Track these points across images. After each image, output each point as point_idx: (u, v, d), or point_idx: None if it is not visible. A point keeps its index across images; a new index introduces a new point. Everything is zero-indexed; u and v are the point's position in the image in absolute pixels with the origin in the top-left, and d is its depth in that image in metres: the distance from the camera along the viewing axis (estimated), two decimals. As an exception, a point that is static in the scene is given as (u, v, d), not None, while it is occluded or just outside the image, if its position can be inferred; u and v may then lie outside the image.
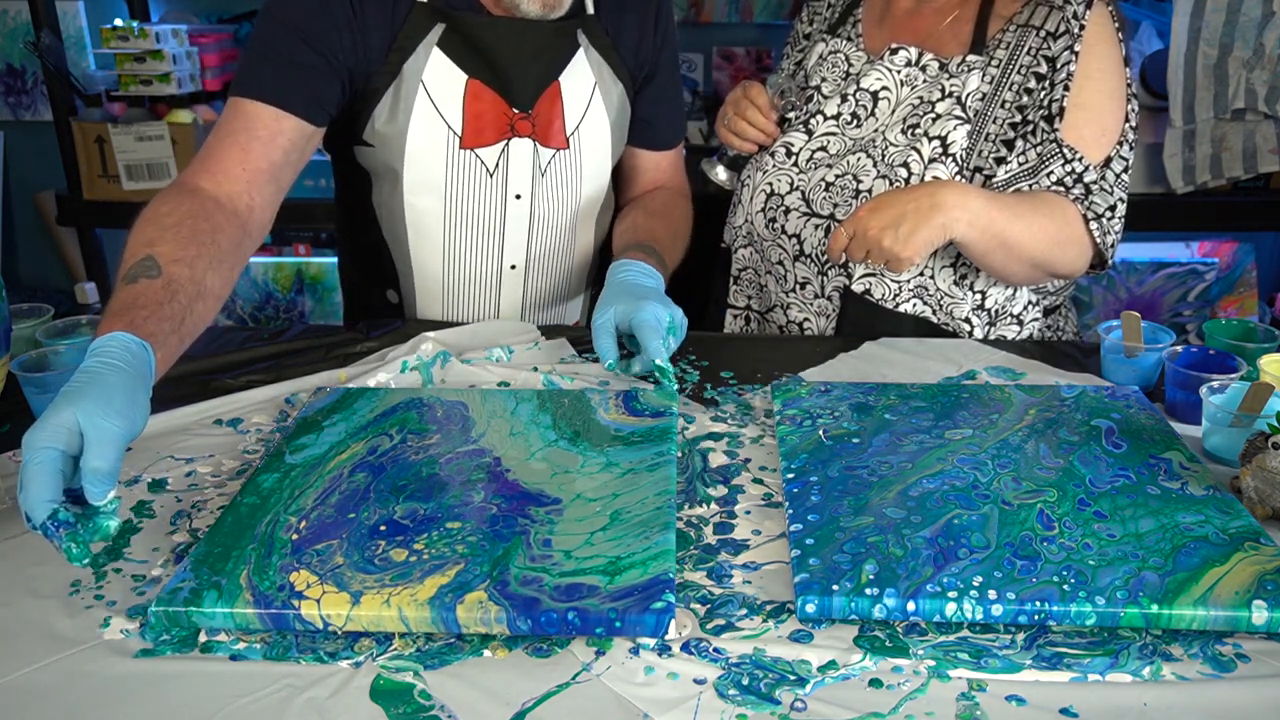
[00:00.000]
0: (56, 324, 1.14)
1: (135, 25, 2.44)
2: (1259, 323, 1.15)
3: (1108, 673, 0.69)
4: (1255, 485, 0.85)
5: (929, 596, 0.73)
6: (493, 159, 1.23)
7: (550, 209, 1.29)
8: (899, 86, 1.27)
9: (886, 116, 1.27)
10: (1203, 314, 2.62)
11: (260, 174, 1.11)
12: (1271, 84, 2.18)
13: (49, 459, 0.72)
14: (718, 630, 0.73)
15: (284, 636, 0.73)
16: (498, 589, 0.73)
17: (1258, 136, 2.24)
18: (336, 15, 1.15)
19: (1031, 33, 1.23)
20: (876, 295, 1.26)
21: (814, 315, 1.32)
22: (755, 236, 1.35)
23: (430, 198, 1.25)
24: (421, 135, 1.20)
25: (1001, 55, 1.24)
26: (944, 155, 1.22)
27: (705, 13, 2.76)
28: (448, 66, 1.19)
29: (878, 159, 1.25)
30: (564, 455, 0.92)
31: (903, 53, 1.27)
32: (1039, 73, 1.22)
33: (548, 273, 1.35)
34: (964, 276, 1.27)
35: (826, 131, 1.30)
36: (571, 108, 1.25)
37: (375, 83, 1.19)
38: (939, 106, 1.24)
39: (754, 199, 1.34)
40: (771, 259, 1.33)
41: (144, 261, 0.93)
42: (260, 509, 0.84)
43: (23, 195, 3.05)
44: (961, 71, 1.24)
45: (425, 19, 1.18)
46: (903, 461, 0.91)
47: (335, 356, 1.19)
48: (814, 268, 1.29)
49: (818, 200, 1.27)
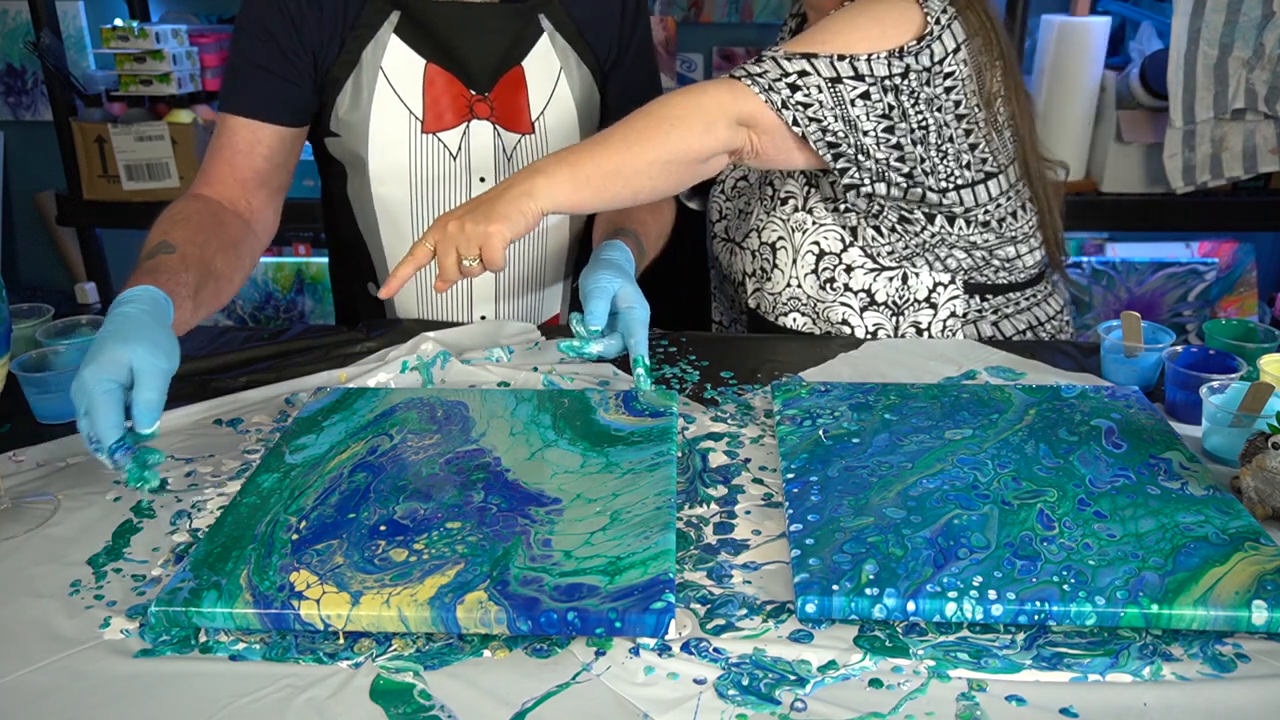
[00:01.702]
0: (56, 324, 1.14)
1: (135, 25, 2.44)
2: (1259, 323, 1.15)
3: (1108, 673, 0.69)
4: (1255, 485, 0.85)
5: (929, 596, 0.73)
6: (455, 142, 1.24)
7: None
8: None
9: None
10: (1203, 314, 2.62)
11: (249, 182, 1.21)
12: (1271, 84, 2.18)
13: (112, 390, 0.82)
14: (718, 630, 0.73)
15: (284, 637, 0.73)
16: (498, 589, 0.73)
17: (1258, 136, 2.24)
18: (294, 14, 1.19)
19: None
20: (763, 309, 1.30)
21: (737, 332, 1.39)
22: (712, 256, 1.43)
23: (396, 185, 1.26)
24: (383, 121, 1.23)
25: None
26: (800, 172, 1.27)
27: (705, 13, 2.76)
28: (406, 52, 1.21)
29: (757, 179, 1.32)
30: (564, 455, 0.92)
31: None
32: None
33: (520, 261, 1.34)
34: (830, 280, 1.26)
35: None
36: (536, 92, 1.25)
37: (336, 73, 1.22)
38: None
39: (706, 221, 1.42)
40: (714, 281, 1.43)
41: (160, 244, 1.03)
42: (260, 509, 0.84)
43: (23, 195, 3.05)
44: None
45: (382, 7, 1.20)
46: (903, 461, 0.91)
47: (335, 356, 1.19)
48: (728, 286, 1.37)
49: (727, 225, 1.36)
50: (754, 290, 1.31)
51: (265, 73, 1.19)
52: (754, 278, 1.30)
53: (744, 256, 1.32)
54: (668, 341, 1.26)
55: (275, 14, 1.18)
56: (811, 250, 1.25)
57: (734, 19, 2.76)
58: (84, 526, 0.87)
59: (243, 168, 1.20)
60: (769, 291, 1.29)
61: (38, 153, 2.93)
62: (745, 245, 1.31)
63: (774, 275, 1.28)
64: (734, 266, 1.34)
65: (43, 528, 0.87)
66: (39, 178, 2.97)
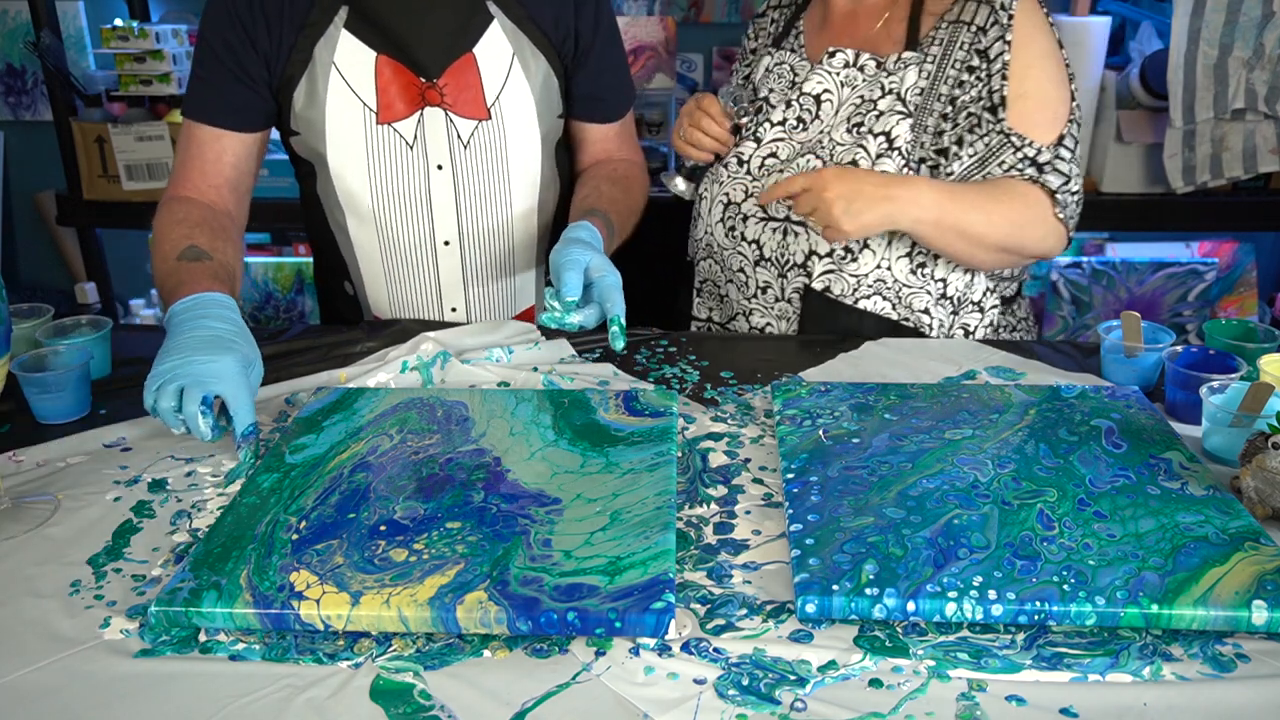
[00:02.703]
0: (56, 324, 1.15)
1: (135, 25, 2.44)
2: (1259, 323, 1.15)
3: (1108, 673, 0.69)
4: (1255, 485, 0.85)
5: (929, 596, 0.73)
6: (410, 131, 1.25)
7: (477, 181, 1.29)
8: (839, 88, 1.30)
9: (830, 118, 1.29)
10: (1203, 314, 2.62)
11: (220, 186, 1.27)
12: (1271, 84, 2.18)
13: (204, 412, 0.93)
14: (718, 630, 0.73)
15: (283, 637, 0.73)
16: (498, 589, 0.73)
17: (1258, 136, 2.24)
18: (245, 21, 1.22)
19: (963, 28, 1.25)
20: (836, 291, 1.27)
21: (775, 319, 1.34)
22: (715, 247, 1.37)
23: (356, 178, 1.28)
24: (339, 115, 1.24)
25: (936, 51, 1.26)
26: (890, 150, 1.24)
27: (705, 13, 2.76)
28: (356, 45, 1.22)
29: (826, 159, 1.27)
30: (564, 455, 0.92)
31: (840, 55, 1.30)
32: (972, 65, 1.24)
33: (485, 249, 1.34)
34: (922, 265, 1.28)
35: (775, 138, 1.32)
36: (490, 78, 1.25)
37: (290, 71, 1.24)
38: (880, 104, 1.26)
39: (712, 210, 1.36)
40: (732, 267, 1.35)
41: (191, 248, 1.12)
42: (260, 509, 0.84)
43: (23, 195, 3.05)
44: (899, 68, 1.27)
45: (330, 4, 1.21)
46: (903, 461, 0.91)
47: (335, 356, 1.19)
48: (774, 271, 1.31)
49: (773, 205, 1.30)
50: (825, 272, 1.27)
51: (224, 80, 1.24)
52: (829, 258, 1.26)
53: (812, 236, 1.26)
54: (667, 341, 1.26)
55: (229, 22, 1.23)
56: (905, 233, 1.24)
57: (734, 19, 2.76)
58: (84, 526, 0.87)
59: (212, 173, 1.26)
60: (851, 273, 1.26)
61: (38, 153, 2.93)
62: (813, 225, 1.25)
63: (862, 256, 1.25)
64: (791, 248, 1.28)
65: (43, 528, 0.87)
66: (39, 178, 2.97)
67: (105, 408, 1.08)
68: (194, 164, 1.25)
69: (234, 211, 1.27)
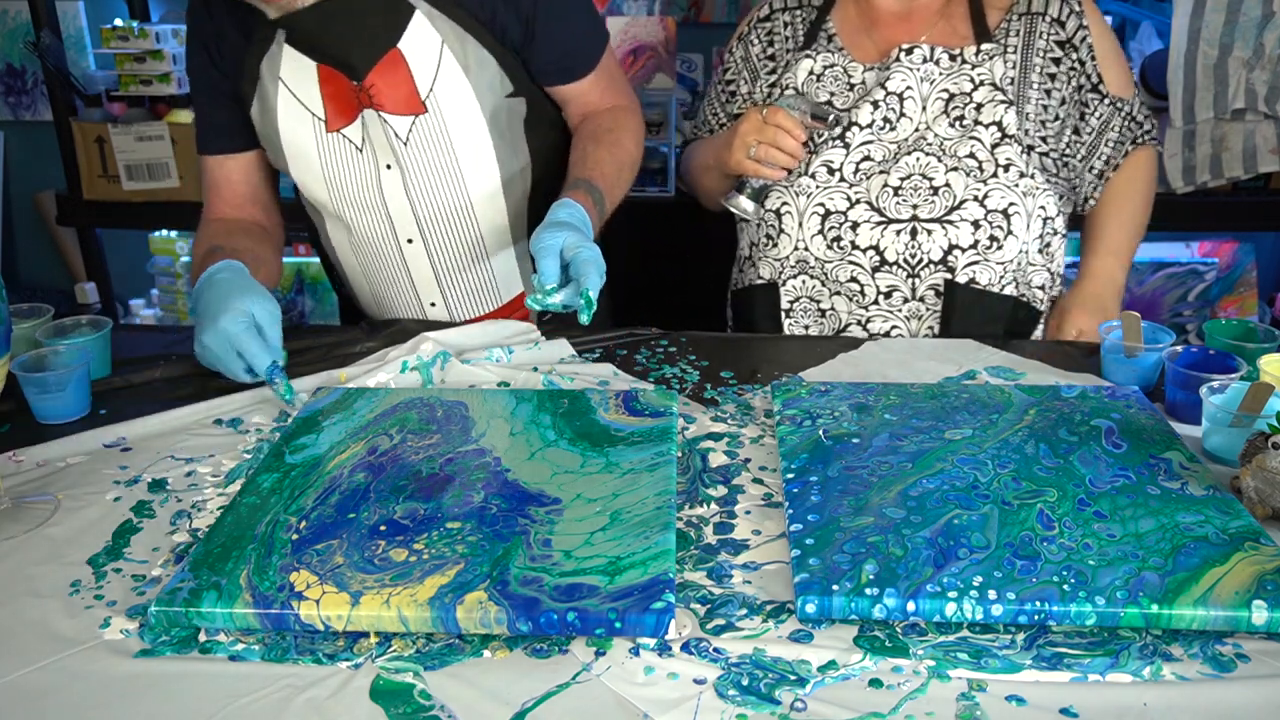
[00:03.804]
0: (56, 324, 1.15)
1: (135, 25, 2.44)
2: (1259, 323, 1.15)
3: (1108, 673, 0.69)
4: (1255, 485, 0.85)
5: (929, 596, 0.73)
6: (357, 135, 1.26)
7: (426, 176, 1.28)
8: (919, 84, 1.30)
9: (920, 114, 1.29)
10: (1203, 314, 2.62)
11: (242, 204, 1.35)
12: (1271, 84, 2.18)
13: (249, 326, 1.06)
14: (718, 630, 0.73)
15: (283, 637, 0.73)
16: (498, 589, 0.73)
17: (1258, 136, 2.24)
18: (209, 45, 1.26)
19: (1038, 19, 1.31)
20: (982, 281, 1.28)
21: (903, 320, 1.31)
22: (812, 261, 1.32)
23: (316, 186, 1.29)
24: (291, 127, 1.26)
25: (1015, 42, 1.30)
26: (1004, 139, 1.27)
27: (705, 13, 2.76)
28: (299, 59, 1.22)
29: (937, 154, 1.27)
30: (564, 455, 0.92)
31: (918, 50, 1.29)
32: (1056, 57, 1.30)
33: (450, 241, 1.33)
34: (1047, 245, 1.32)
35: (864, 140, 1.30)
36: (420, 71, 1.23)
37: (244, 89, 1.26)
38: (976, 95, 1.28)
39: (805, 224, 1.31)
40: (840, 278, 1.31)
41: (208, 250, 1.21)
42: (260, 509, 0.84)
43: (23, 195, 3.05)
44: (983, 60, 1.29)
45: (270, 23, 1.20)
46: (903, 461, 0.91)
47: (335, 356, 1.19)
48: (903, 273, 1.28)
49: (890, 206, 1.28)
50: (970, 263, 1.28)
51: (209, 108, 1.31)
52: (973, 250, 1.27)
53: (950, 231, 1.27)
54: (667, 341, 1.26)
55: (198, 50, 1.28)
56: (1038, 215, 1.28)
57: (734, 19, 2.76)
58: (84, 526, 0.87)
59: (230, 197, 1.34)
60: (996, 261, 1.27)
61: (38, 153, 2.93)
62: (952, 220, 1.26)
63: (1007, 243, 1.26)
64: (925, 246, 1.27)
65: (43, 528, 0.87)
66: (39, 178, 2.97)
67: (105, 408, 1.08)
68: (212, 191, 1.35)
69: (262, 219, 1.36)
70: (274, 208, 1.39)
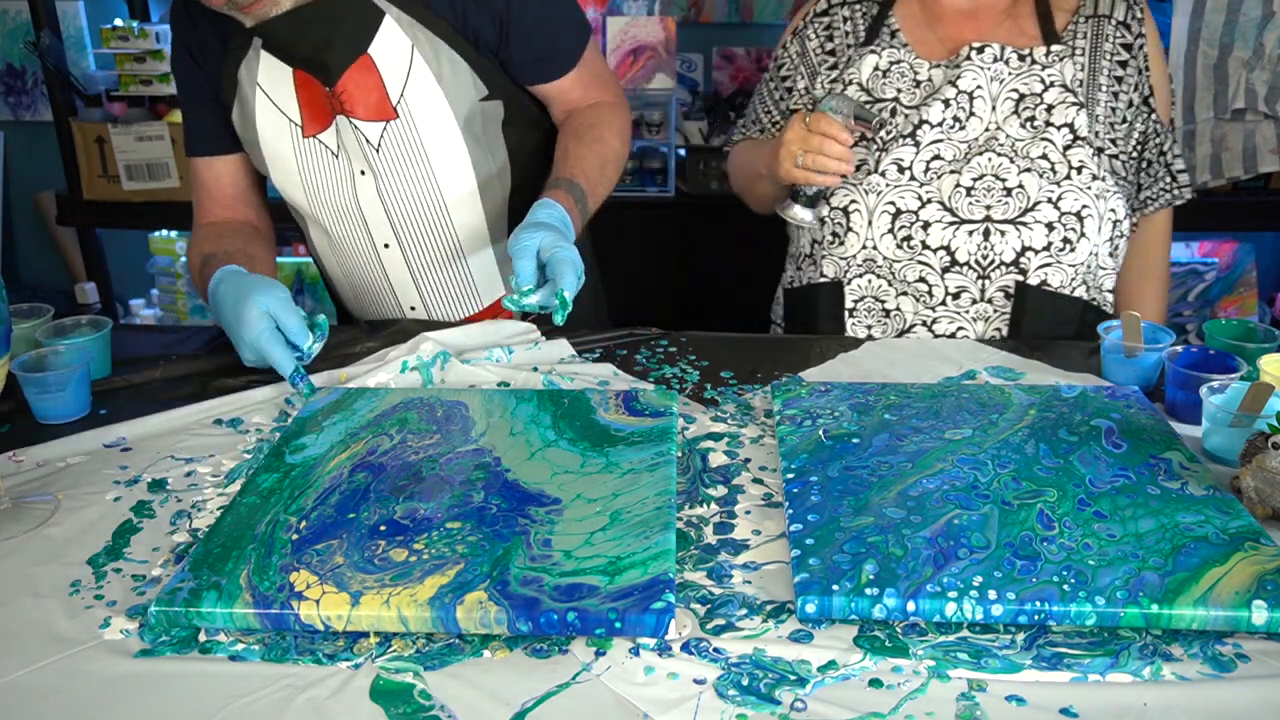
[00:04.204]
0: (56, 324, 1.15)
1: (135, 25, 2.44)
2: (1259, 323, 1.15)
3: (1108, 673, 0.69)
4: (1255, 485, 0.85)
5: (929, 596, 0.73)
6: (333, 141, 1.26)
7: (399, 181, 1.27)
8: (989, 83, 1.29)
9: (990, 114, 1.28)
10: (1203, 314, 2.62)
11: (233, 205, 1.36)
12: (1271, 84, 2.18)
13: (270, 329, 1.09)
14: (718, 630, 0.73)
15: (283, 637, 0.73)
16: (498, 589, 0.73)
17: (1258, 136, 2.25)
18: (192, 49, 1.27)
19: (1104, 22, 1.31)
20: (1054, 283, 1.28)
21: (969, 322, 1.30)
22: (880, 260, 1.30)
23: (295, 191, 1.30)
24: (270, 133, 1.26)
25: (1083, 44, 1.31)
26: (1076, 141, 1.27)
27: (705, 13, 2.76)
28: (275, 65, 1.22)
29: (1009, 155, 1.27)
30: (564, 455, 0.92)
31: (989, 50, 1.29)
32: (1122, 60, 1.31)
33: (426, 246, 1.33)
34: (1117, 248, 1.32)
35: (934, 139, 1.28)
36: (390, 76, 1.22)
37: (225, 95, 1.27)
38: (1048, 96, 1.27)
39: (875, 223, 1.29)
40: (908, 278, 1.29)
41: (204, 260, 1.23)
42: (260, 509, 0.84)
43: (23, 195, 3.05)
44: (1053, 61, 1.28)
45: (247, 30, 1.20)
46: (903, 461, 0.91)
47: (335, 356, 1.19)
48: (973, 274, 1.27)
49: (963, 207, 1.27)
50: (1042, 265, 1.27)
51: (195, 111, 1.32)
52: (1046, 252, 1.25)
53: (1023, 233, 1.25)
54: (667, 341, 1.26)
55: (182, 54, 1.29)
56: (1109, 217, 1.27)
57: (734, 19, 2.77)
58: (84, 526, 0.87)
59: (220, 196, 1.36)
60: (1069, 263, 1.27)
61: (38, 153, 2.93)
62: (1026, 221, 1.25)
63: (1079, 245, 1.26)
64: (997, 247, 1.26)
65: (43, 528, 0.87)
66: (39, 178, 2.97)
67: (105, 408, 1.08)
68: (202, 193, 1.36)
69: (253, 219, 1.37)
70: (264, 207, 1.40)
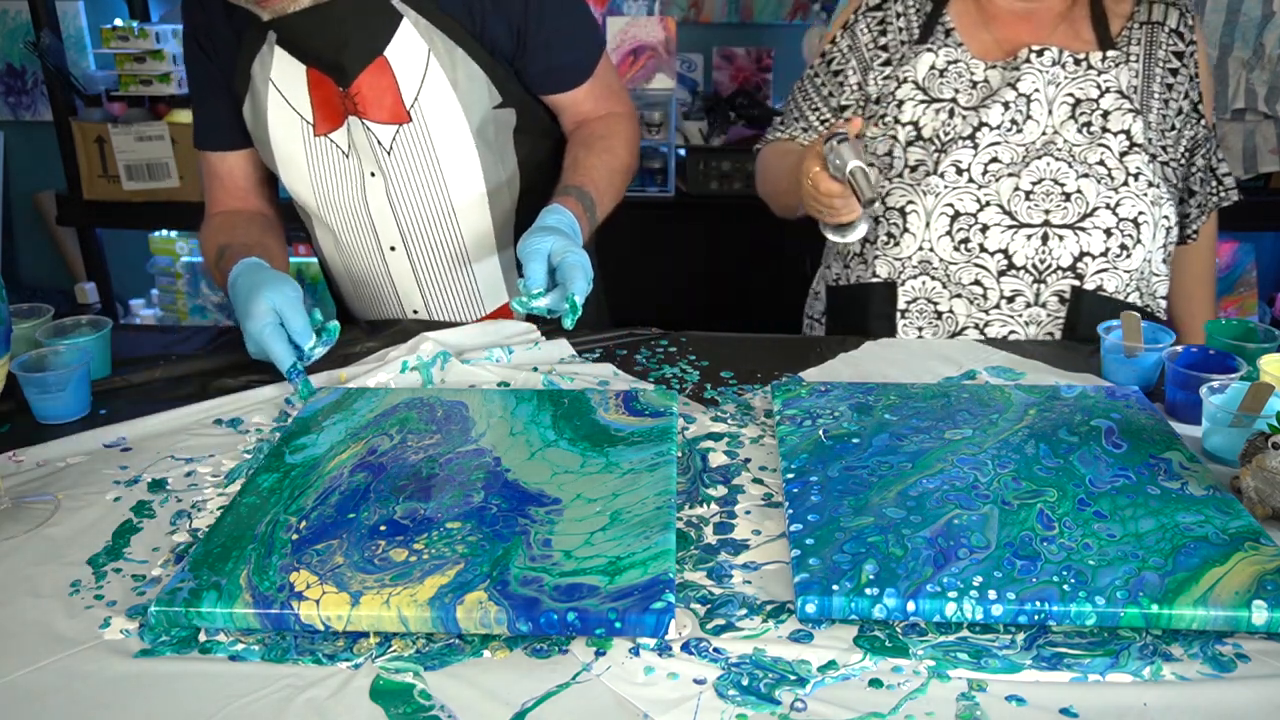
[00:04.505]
0: (56, 324, 1.15)
1: (135, 25, 2.44)
2: (1259, 323, 1.15)
3: (1108, 673, 0.69)
4: (1255, 485, 0.85)
5: (929, 596, 0.73)
6: (344, 141, 1.26)
7: (409, 185, 1.27)
8: (1045, 86, 1.28)
9: (1046, 117, 1.28)
10: (1203, 314, 2.61)
11: (246, 195, 1.37)
12: (1271, 84, 2.18)
13: (274, 325, 1.09)
14: (718, 630, 0.73)
15: (283, 637, 0.73)
16: (498, 589, 0.73)
17: (1258, 136, 2.25)
18: (204, 43, 1.27)
19: (1158, 29, 1.31)
20: (1109, 289, 1.28)
21: (1023, 326, 1.29)
22: (936, 262, 1.29)
23: (303, 189, 1.30)
24: (281, 130, 1.26)
25: (1137, 51, 1.31)
26: (1133, 148, 1.27)
27: (705, 13, 2.76)
28: (289, 62, 1.22)
29: (1067, 160, 1.26)
30: (564, 455, 0.92)
31: (1048, 53, 1.28)
32: (1173, 68, 1.31)
33: (432, 251, 1.33)
34: (1171, 254, 1.33)
35: (992, 142, 1.27)
36: (406, 79, 1.22)
37: (237, 89, 1.27)
38: (1104, 101, 1.27)
39: (933, 224, 1.28)
40: (964, 280, 1.29)
41: (220, 251, 1.25)
42: (260, 509, 0.84)
43: (23, 195, 3.05)
44: (1109, 67, 1.28)
45: (262, 25, 1.20)
46: (903, 461, 0.91)
47: (335, 356, 1.19)
48: (1029, 278, 1.27)
49: (1022, 211, 1.26)
50: (1099, 271, 1.27)
51: (207, 105, 1.32)
52: (1103, 258, 1.26)
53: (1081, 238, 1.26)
54: (667, 341, 1.26)
55: (195, 48, 1.28)
56: (1163, 224, 1.28)
57: (734, 19, 2.77)
58: (84, 526, 0.87)
59: (232, 188, 1.36)
60: (1124, 269, 1.27)
61: (38, 153, 2.93)
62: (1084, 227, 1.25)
63: (1135, 251, 1.26)
64: (1055, 252, 1.26)
65: (43, 528, 0.87)
66: (39, 178, 2.97)
67: (105, 408, 1.08)
68: (214, 185, 1.37)
69: (266, 209, 1.38)
70: (276, 199, 1.41)
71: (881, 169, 1.31)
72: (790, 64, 2.82)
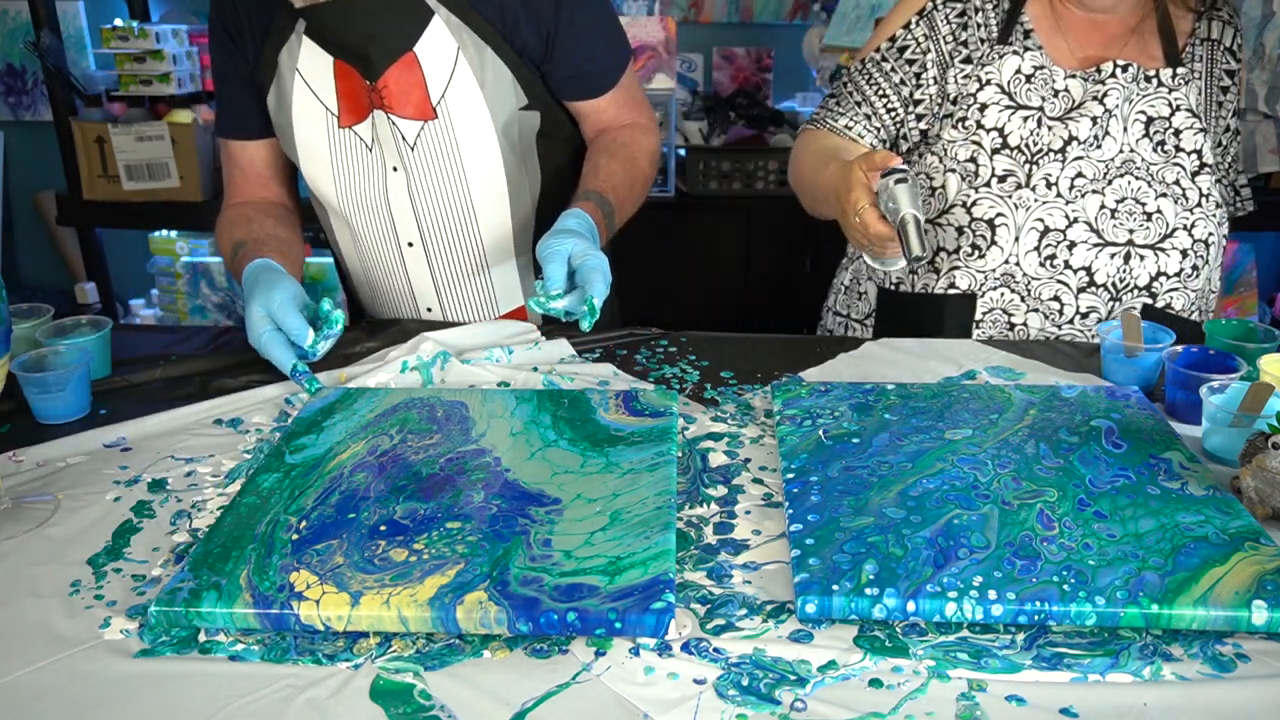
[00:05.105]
0: (56, 324, 1.15)
1: (135, 25, 2.44)
2: (1259, 323, 1.15)
3: (1108, 673, 0.69)
4: (1255, 485, 0.85)
5: (929, 596, 0.73)
6: (368, 134, 1.26)
7: (431, 182, 1.27)
8: (1122, 103, 1.27)
9: (1122, 134, 1.27)
10: (1203, 314, 2.61)
11: (264, 187, 1.37)
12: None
13: (271, 332, 1.11)
14: (718, 630, 0.73)
15: (283, 637, 0.73)
16: (498, 589, 0.73)
17: (1258, 136, 2.25)
18: (230, 31, 1.27)
19: (1215, 46, 1.32)
20: (1177, 307, 1.29)
21: (1089, 340, 1.29)
22: (1019, 275, 1.28)
23: (324, 181, 1.30)
24: (305, 120, 1.26)
25: (1199, 68, 1.31)
26: (1203, 168, 1.27)
27: (705, 13, 2.76)
28: (316, 52, 1.22)
29: (1146, 180, 1.26)
30: (564, 455, 0.92)
31: (1131, 68, 1.27)
32: (1225, 86, 1.32)
33: (450, 250, 1.33)
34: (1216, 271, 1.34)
35: (1077, 156, 1.26)
36: (434, 76, 1.22)
37: (261, 78, 1.27)
38: (1175, 119, 1.27)
39: (1022, 238, 1.26)
40: (1044, 296, 1.28)
41: (236, 245, 1.25)
42: (260, 509, 0.84)
43: (23, 195, 3.05)
44: (1179, 85, 1.28)
45: (291, 13, 1.20)
46: (903, 461, 0.91)
47: (335, 356, 1.19)
48: (1105, 295, 1.27)
49: (1107, 229, 1.25)
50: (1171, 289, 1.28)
51: (231, 94, 1.32)
52: (1176, 278, 1.27)
53: (1160, 258, 1.26)
54: (667, 342, 1.26)
55: (221, 35, 1.28)
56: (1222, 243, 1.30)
57: (734, 19, 2.77)
58: (84, 526, 0.87)
59: (253, 178, 1.37)
60: (1193, 288, 1.28)
61: (38, 153, 2.93)
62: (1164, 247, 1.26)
63: (1203, 270, 1.27)
64: (1135, 271, 1.26)
65: (43, 528, 0.87)
66: (39, 178, 2.97)
67: (105, 408, 1.08)
68: (234, 174, 1.37)
69: (285, 199, 1.39)
70: (295, 191, 1.41)
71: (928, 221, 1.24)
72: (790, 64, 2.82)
